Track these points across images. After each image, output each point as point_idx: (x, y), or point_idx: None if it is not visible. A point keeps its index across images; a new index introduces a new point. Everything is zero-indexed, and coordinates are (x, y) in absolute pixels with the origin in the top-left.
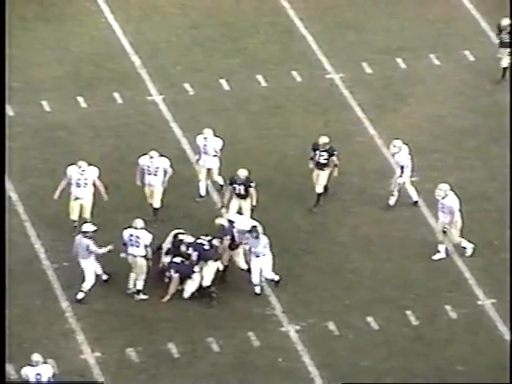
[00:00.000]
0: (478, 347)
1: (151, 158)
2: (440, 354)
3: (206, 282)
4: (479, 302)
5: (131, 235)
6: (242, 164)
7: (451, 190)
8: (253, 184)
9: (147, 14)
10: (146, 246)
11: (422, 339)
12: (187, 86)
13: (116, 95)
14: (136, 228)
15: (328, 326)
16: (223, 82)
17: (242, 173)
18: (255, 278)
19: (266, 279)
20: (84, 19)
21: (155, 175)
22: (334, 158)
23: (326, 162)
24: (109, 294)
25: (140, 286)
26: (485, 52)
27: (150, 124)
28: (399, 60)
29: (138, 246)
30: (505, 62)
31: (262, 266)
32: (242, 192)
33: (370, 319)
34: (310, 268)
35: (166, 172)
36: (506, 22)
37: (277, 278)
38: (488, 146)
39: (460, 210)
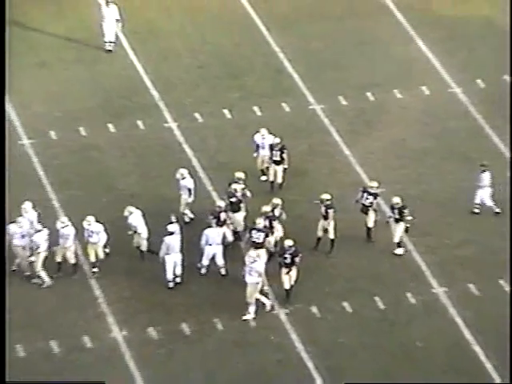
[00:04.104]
0: (433, 327)
1: (88, 223)
2: (403, 332)
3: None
4: (434, 291)
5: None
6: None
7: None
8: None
9: (164, 56)
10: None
11: (387, 320)
12: (197, 115)
13: (139, 122)
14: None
15: (311, 309)
16: (226, 111)
17: (325, 196)
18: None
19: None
20: (113, 60)
21: (90, 236)
22: (330, 211)
23: (326, 214)
24: (134, 284)
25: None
26: (438, 87)
27: (166, 146)
28: (369, 94)
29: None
30: (279, 177)
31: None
32: (323, 213)
33: (345, 304)
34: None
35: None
36: (276, 140)
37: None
38: (442, 164)
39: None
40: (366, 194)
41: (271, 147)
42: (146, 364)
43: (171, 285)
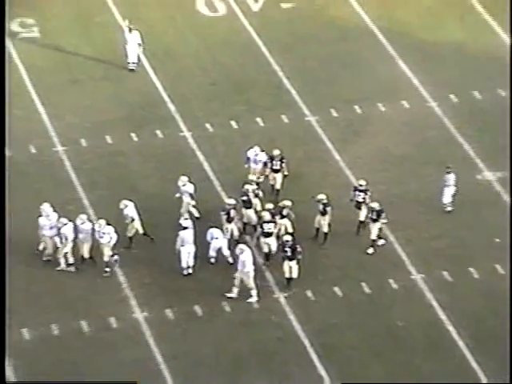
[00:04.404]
0: (411, 308)
1: (99, 225)
2: (385, 313)
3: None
4: (412, 277)
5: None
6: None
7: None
8: (329, 207)
9: (179, 74)
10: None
11: (373, 303)
12: (208, 125)
13: (158, 132)
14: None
15: (307, 294)
16: (233, 122)
17: (319, 195)
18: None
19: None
20: (135, 78)
21: (101, 237)
22: (328, 208)
23: (323, 211)
24: (153, 271)
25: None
26: (416, 101)
27: (181, 152)
28: (357, 107)
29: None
30: (278, 184)
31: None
32: (321, 210)
33: (336, 289)
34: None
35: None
36: (276, 152)
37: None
38: (420, 168)
39: (254, 264)
40: (357, 192)
41: (271, 158)
42: (164, 341)
43: (185, 272)
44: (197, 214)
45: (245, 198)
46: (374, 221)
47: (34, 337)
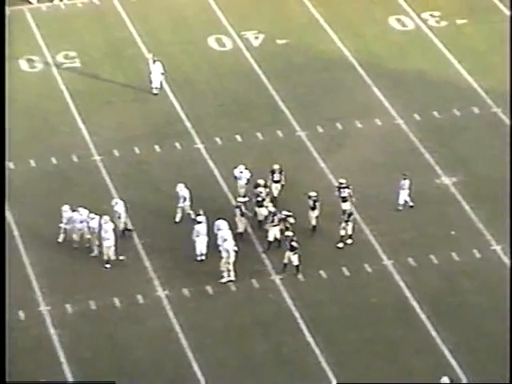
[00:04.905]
0: (383, 288)
1: (106, 222)
2: (362, 292)
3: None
4: (384, 263)
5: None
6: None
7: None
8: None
9: (194, 97)
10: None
11: (352, 285)
12: (217, 139)
13: (177, 144)
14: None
15: (298, 276)
16: (238, 137)
17: (310, 193)
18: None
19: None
20: (158, 101)
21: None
22: (317, 204)
23: (313, 206)
24: (173, 257)
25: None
26: (387, 119)
27: (195, 161)
28: (338, 124)
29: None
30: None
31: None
32: (312, 205)
33: (321, 272)
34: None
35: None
36: (276, 166)
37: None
38: (390, 173)
39: (235, 251)
40: (341, 190)
41: (273, 171)
42: (181, 315)
43: (199, 259)
44: (177, 219)
45: (259, 198)
46: (346, 221)
47: (75, 311)
